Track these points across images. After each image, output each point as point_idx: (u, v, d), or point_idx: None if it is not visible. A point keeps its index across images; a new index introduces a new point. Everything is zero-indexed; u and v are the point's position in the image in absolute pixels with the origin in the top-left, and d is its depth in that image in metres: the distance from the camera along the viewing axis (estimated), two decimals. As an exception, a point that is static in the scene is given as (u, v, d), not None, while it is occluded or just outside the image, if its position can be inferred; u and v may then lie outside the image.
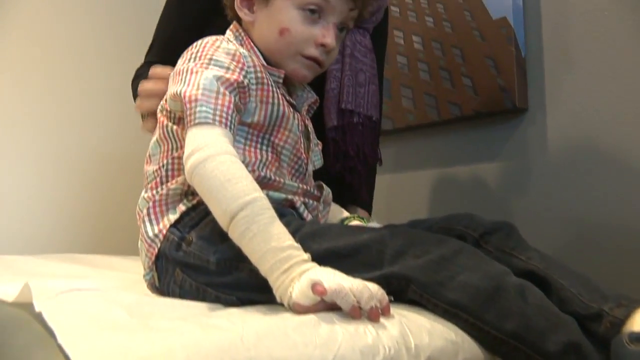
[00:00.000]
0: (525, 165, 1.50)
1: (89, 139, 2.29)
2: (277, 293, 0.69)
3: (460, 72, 1.58)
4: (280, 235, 0.71)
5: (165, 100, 0.90)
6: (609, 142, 1.35)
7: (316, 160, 1.03)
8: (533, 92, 1.48)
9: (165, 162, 0.87)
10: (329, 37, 0.92)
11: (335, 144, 1.25)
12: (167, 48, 1.23)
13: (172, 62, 0.92)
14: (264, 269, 0.70)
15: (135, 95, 1.25)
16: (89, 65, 2.34)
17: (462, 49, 1.59)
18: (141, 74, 1.26)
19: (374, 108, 1.29)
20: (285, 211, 0.85)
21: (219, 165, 0.75)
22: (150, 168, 0.89)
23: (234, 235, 0.72)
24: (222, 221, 0.74)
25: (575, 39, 1.41)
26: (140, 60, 1.33)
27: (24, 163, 2.18)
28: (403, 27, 1.73)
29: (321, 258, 0.71)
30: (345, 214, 1.09)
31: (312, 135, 1.00)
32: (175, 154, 0.86)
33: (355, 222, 1.05)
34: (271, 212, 0.72)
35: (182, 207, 0.83)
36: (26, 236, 2.13)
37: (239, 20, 0.98)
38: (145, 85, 1.04)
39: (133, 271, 1.23)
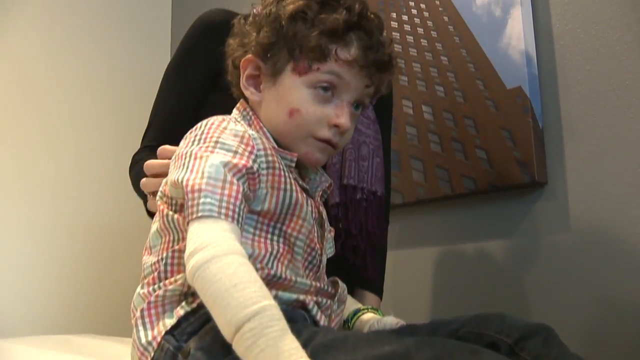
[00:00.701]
0: (545, 243, 1.41)
1: (86, 213, 2.25)
2: (287, 420, 0.59)
3: (474, 144, 1.51)
4: (292, 351, 0.61)
5: (165, 185, 0.82)
6: (635, 219, 1.27)
7: (329, 249, 0.94)
8: (552, 165, 1.41)
9: (164, 255, 0.78)
10: (343, 117, 0.85)
11: (337, 222, 1.17)
12: (164, 130, 1.18)
13: (170, 144, 0.84)
14: (272, 391, 0.61)
15: (134, 182, 1.19)
16: (88, 137, 2.32)
17: (475, 119, 1.53)
18: (139, 160, 1.20)
19: (379, 182, 1.22)
20: (296, 315, 0.75)
21: (224, 267, 0.66)
22: (149, 260, 0.81)
23: (239, 349, 0.63)
24: (226, 332, 0.64)
25: (595, 108, 1.35)
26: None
27: (18, 238, 2.13)
28: (412, 97, 1.67)
29: None
30: (358, 305, 1.00)
31: (326, 223, 0.91)
32: (177, 247, 0.78)
33: (369, 315, 0.96)
34: (282, 324, 0.63)
35: (180, 311, 0.74)
36: (20, 315, 2.05)
37: (246, 98, 0.91)
38: (152, 163, 0.95)
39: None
